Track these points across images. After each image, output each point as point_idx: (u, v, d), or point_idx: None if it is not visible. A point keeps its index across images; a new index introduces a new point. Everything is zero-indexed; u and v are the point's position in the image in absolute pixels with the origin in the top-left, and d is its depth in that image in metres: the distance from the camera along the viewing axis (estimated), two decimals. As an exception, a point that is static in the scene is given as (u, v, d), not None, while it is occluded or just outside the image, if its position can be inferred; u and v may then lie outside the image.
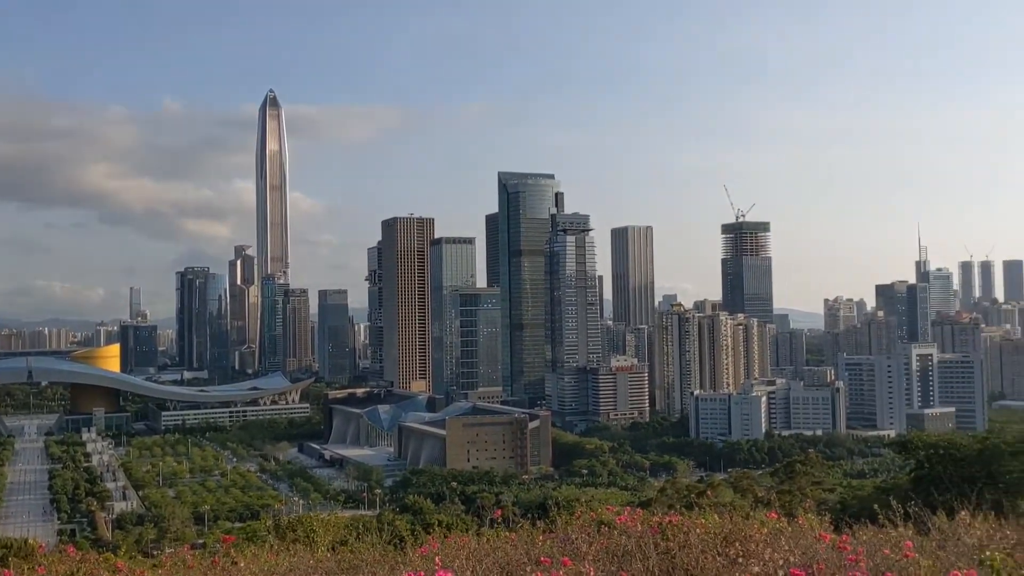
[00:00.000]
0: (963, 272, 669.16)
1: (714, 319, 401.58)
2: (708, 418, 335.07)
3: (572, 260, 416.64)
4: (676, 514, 14.00)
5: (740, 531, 10.98)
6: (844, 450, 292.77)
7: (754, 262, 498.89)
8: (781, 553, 9.45)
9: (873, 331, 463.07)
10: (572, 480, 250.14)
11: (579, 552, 11.62)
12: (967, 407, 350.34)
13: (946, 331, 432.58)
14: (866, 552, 9.20)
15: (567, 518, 15.20)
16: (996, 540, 9.89)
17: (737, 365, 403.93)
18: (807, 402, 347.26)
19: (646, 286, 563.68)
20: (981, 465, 41.50)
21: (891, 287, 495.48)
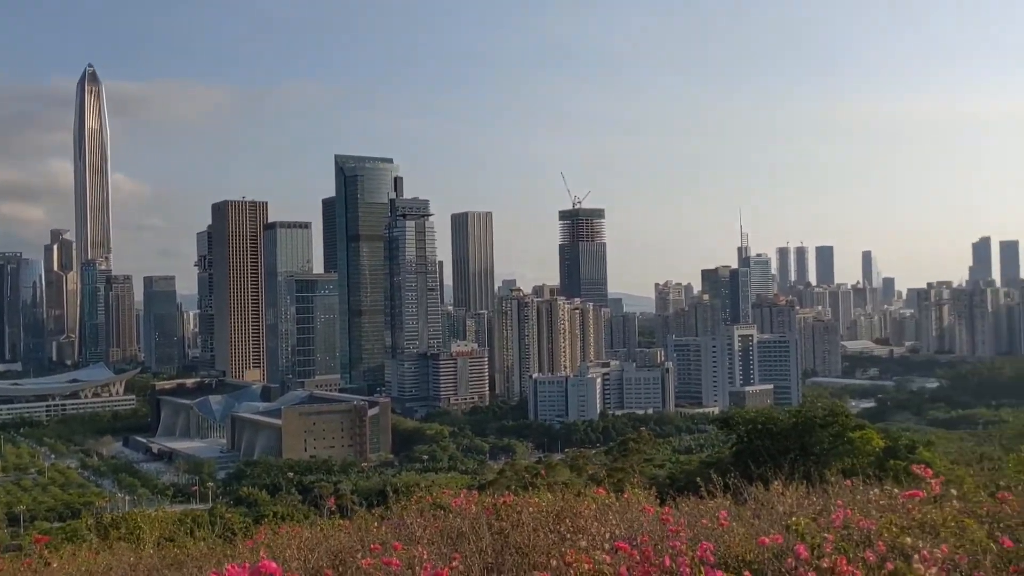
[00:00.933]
0: (780, 257, 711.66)
1: (552, 304, 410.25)
2: (546, 400, 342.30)
3: (412, 245, 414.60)
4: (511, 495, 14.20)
5: (571, 508, 11.23)
6: (673, 427, 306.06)
7: (590, 248, 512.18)
8: (608, 527, 9.74)
9: (699, 314, 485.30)
10: (413, 466, 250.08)
11: (413, 536, 11.59)
12: (784, 384, 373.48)
13: (765, 313, 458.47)
14: (687, 523, 9.60)
15: (405, 503, 15.17)
16: (804, 507, 10.54)
17: (574, 348, 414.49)
18: (639, 382, 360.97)
19: (486, 271, 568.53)
20: (795, 438, 43.98)
21: (715, 272, 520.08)
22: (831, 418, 44.90)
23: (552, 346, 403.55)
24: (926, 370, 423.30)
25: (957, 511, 8.14)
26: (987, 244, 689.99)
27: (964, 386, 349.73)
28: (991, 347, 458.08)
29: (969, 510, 8.52)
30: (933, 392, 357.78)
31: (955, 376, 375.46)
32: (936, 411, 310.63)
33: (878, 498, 9.80)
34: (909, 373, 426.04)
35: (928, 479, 8.94)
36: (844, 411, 49.36)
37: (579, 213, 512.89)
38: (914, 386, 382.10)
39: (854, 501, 10.09)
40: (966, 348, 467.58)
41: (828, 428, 43.84)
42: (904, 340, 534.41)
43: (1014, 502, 8.76)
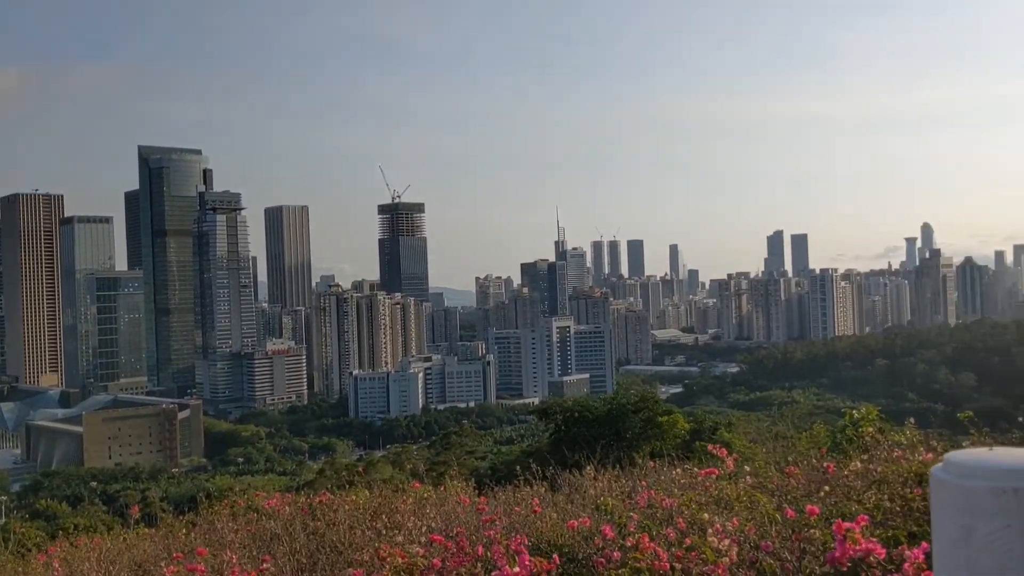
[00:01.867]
0: (595, 251, 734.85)
1: (372, 299, 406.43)
2: (367, 397, 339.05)
3: (223, 240, 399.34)
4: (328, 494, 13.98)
5: (388, 504, 11.19)
6: (495, 419, 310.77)
7: (410, 242, 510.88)
8: (425, 520, 9.76)
9: (519, 307, 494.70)
10: (227, 470, 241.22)
11: (224, 541, 11.19)
12: (599, 373, 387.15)
13: (581, 305, 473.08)
14: (502, 512, 9.77)
15: (217, 508, 14.69)
16: (613, 490, 10.96)
17: (395, 344, 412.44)
18: (461, 376, 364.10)
19: (303, 267, 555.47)
20: (609, 424, 45.62)
21: (534, 265, 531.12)
22: (642, 404, 46.86)
23: (373, 342, 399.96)
24: (728, 356, 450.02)
25: (749, 486, 8.73)
26: (780, 237, 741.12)
27: (761, 370, 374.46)
28: (784, 333, 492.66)
29: (760, 485, 9.15)
30: (734, 376, 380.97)
31: (753, 361, 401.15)
32: (737, 394, 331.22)
33: (679, 477, 10.36)
34: (713, 359, 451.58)
35: (723, 458, 9.54)
36: (654, 397, 51.69)
37: (399, 207, 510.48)
38: (717, 371, 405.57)
39: (659, 481, 10.61)
40: (763, 334, 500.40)
41: (639, 414, 45.74)
42: (708, 328, 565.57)
43: (799, 476, 9.48)
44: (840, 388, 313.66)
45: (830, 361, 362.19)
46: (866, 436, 13.05)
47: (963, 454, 2.95)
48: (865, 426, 14.72)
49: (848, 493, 8.33)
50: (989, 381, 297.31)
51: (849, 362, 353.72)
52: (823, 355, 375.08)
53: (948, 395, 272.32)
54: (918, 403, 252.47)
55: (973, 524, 2.73)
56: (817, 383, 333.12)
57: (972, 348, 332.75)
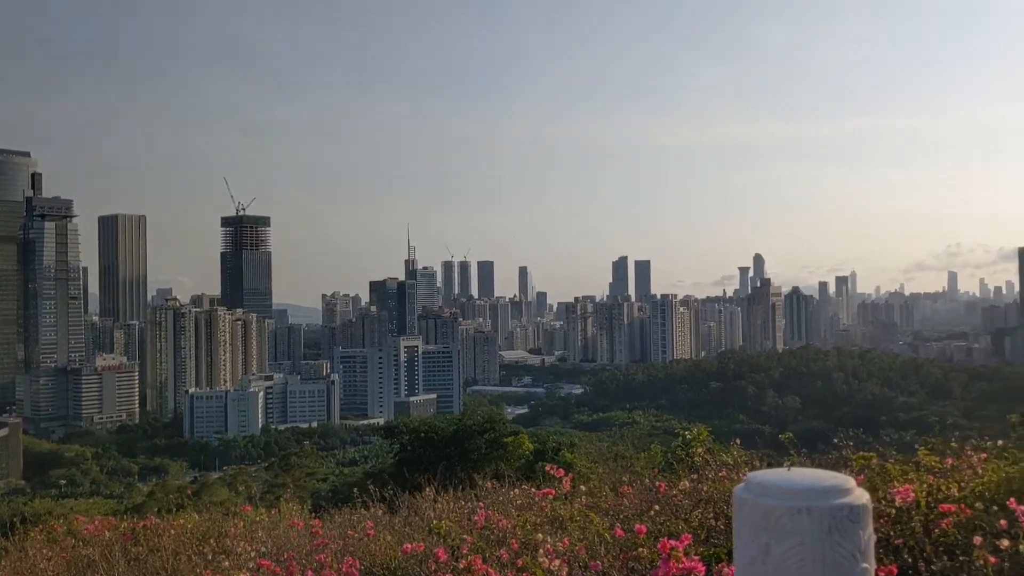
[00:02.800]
0: (445, 270, 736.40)
1: (212, 314, 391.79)
2: (204, 416, 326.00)
3: (51, 249, 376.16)
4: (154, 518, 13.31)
5: (218, 528, 10.76)
6: (338, 439, 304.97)
7: (254, 256, 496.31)
8: (255, 545, 9.44)
9: (367, 325, 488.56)
10: (47, 493, 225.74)
11: (36, 569, 10.47)
12: (447, 393, 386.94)
13: (430, 324, 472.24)
14: (337, 535, 9.57)
15: (32, 534, 13.74)
16: (453, 511, 10.93)
17: (235, 361, 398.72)
18: (304, 395, 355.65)
19: (138, 279, 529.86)
20: (455, 445, 45.66)
21: (383, 283, 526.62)
22: (488, 425, 47.16)
23: (211, 359, 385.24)
24: (573, 377, 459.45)
25: (584, 506, 8.91)
26: (624, 262, 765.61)
27: (604, 391, 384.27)
28: (627, 355, 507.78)
29: (595, 505, 9.36)
30: (578, 397, 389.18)
31: (597, 382, 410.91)
32: (580, 415, 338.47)
33: (517, 498, 10.45)
34: (558, 380, 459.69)
35: (559, 478, 9.70)
36: (500, 418, 52.08)
37: (243, 220, 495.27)
38: (562, 392, 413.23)
39: (497, 502, 10.66)
40: (606, 356, 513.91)
41: (485, 435, 46.00)
42: (554, 350, 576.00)
43: (632, 495, 9.76)
44: (677, 409, 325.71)
45: (668, 383, 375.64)
46: (696, 456, 13.57)
47: (763, 474, 3.04)
48: (696, 446, 15.32)
49: (677, 512, 8.63)
50: (812, 404, 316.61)
51: (686, 384, 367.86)
52: (662, 377, 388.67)
53: (775, 417, 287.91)
54: (747, 424, 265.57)
55: (770, 542, 2.83)
56: (656, 404, 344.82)
57: (797, 372, 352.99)
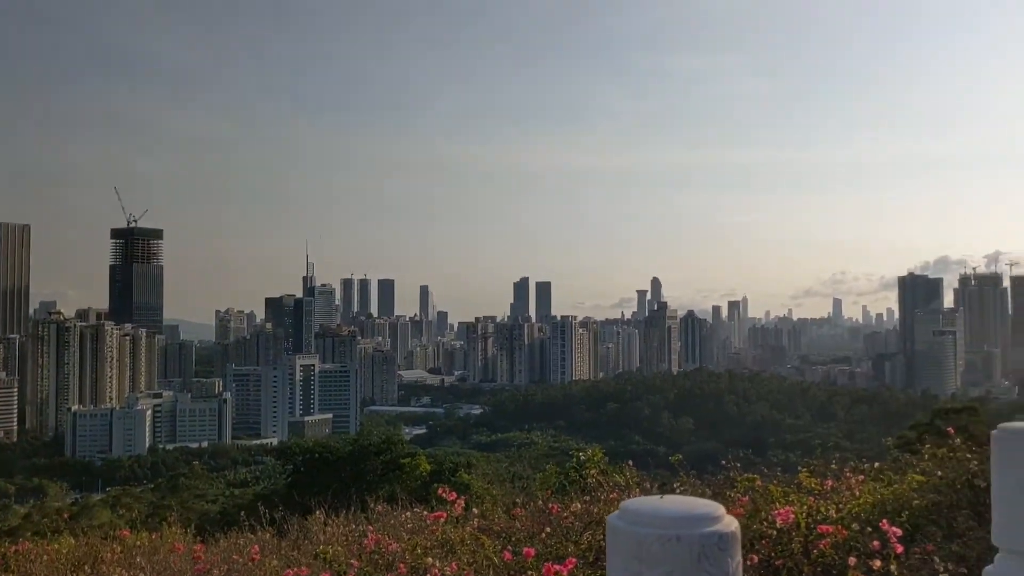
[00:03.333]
0: (344, 288, 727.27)
1: (98, 329, 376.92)
2: (87, 435, 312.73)
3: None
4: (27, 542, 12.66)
5: (94, 553, 10.30)
6: (229, 460, 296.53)
7: (145, 270, 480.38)
8: (132, 571, 9.07)
9: (261, 342, 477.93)
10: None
11: None
12: (343, 413, 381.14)
13: (328, 343, 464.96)
14: (221, 559, 9.29)
15: None
16: (345, 535, 10.74)
17: (122, 378, 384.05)
18: (194, 414, 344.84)
19: (20, 291, 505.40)
20: (351, 466, 45.07)
21: (280, 300, 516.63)
22: (384, 446, 46.76)
23: (97, 375, 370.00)
24: (472, 397, 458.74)
25: (476, 529, 8.88)
26: (526, 283, 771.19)
27: (504, 412, 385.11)
28: (527, 375, 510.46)
29: (487, 527, 9.34)
30: (477, 418, 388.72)
31: (496, 403, 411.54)
32: (480, 435, 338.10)
33: (408, 520, 10.34)
34: (458, 400, 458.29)
35: (452, 501, 9.65)
36: (397, 439, 51.73)
37: (134, 232, 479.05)
38: (461, 412, 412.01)
39: (388, 525, 10.53)
40: (506, 377, 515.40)
41: (382, 456, 45.59)
42: (455, 369, 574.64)
43: (525, 518, 9.78)
44: (575, 430, 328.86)
45: (567, 404, 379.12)
46: (590, 478, 13.72)
47: (637, 502, 3.04)
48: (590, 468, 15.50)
49: (567, 534, 8.69)
50: (704, 425, 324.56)
51: (584, 405, 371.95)
52: (561, 398, 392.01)
53: (669, 438, 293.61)
54: (643, 445, 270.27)
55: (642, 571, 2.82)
56: (554, 425, 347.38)
57: (691, 394, 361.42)
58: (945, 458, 12.18)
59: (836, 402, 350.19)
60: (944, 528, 9.66)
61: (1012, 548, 5.28)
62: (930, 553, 8.26)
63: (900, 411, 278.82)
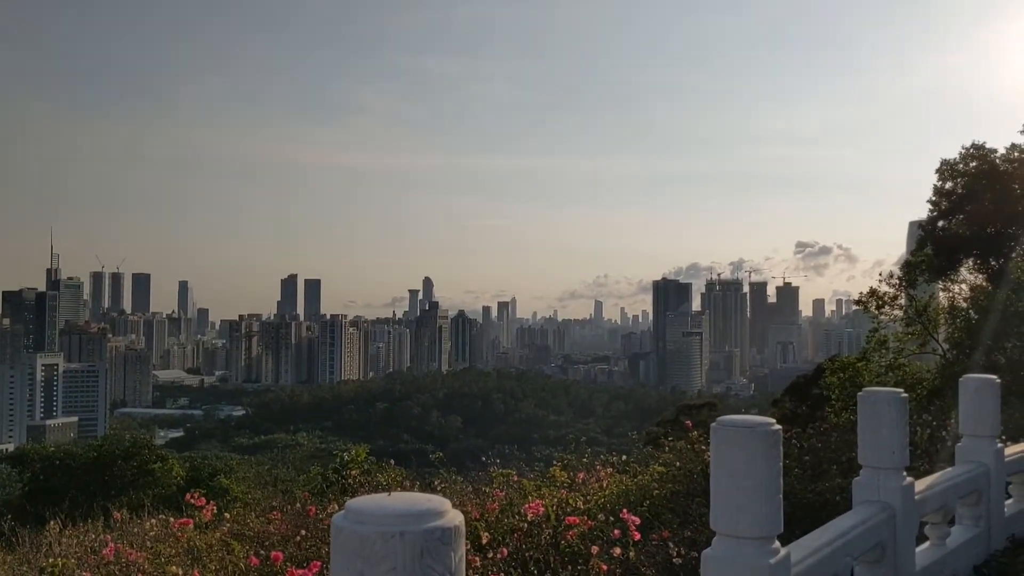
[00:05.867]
0: (94, 282, 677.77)
1: None
2: None
3: None
4: None
5: None
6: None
7: None
8: None
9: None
10: None
11: None
12: (91, 416, 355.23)
13: (75, 340, 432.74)
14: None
15: None
16: (80, 545, 10.03)
17: None
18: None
19: None
20: (97, 472, 42.39)
21: (19, 294, 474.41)
22: (134, 450, 44.18)
23: None
24: (235, 398, 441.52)
25: (227, 534, 8.57)
26: (294, 280, 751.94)
27: (268, 413, 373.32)
28: (294, 376, 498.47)
29: (240, 532, 9.04)
30: (240, 419, 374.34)
31: (260, 404, 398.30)
32: (241, 438, 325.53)
33: (152, 528, 9.82)
34: (219, 401, 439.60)
35: (200, 507, 9.26)
36: (148, 443, 48.93)
37: None
38: (222, 414, 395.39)
39: (131, 534, 9.94)
40: (272, 377, 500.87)
41: (131, 460, 43.09)
42: (216, 369, 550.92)
43: (281, 521, 9.55)
44: (343, 431, 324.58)
45: (336, 404, 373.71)
46: (351, 478, 13.64)
47: (362, 501, 3.04)
48: (352, 468, 15.41)
49: (324, 536, 8.58)
50: (473, 423, 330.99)
51: (353, 405, 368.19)
52: (329, 398, 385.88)
53: (438, 436, 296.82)
54: (412, 444, 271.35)
55: (364, 569, 2.82)
56: (322, 426, 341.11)
57: (461, 393, 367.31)
58: (684, 450, 13.17)
59: (596, 399, 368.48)
60: (680, 515, 10.44)
61: (726, 532, 5.90)
62: (666, 539, 8.89)
63: (653, 407, 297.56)
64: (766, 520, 5.80)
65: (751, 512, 5.75)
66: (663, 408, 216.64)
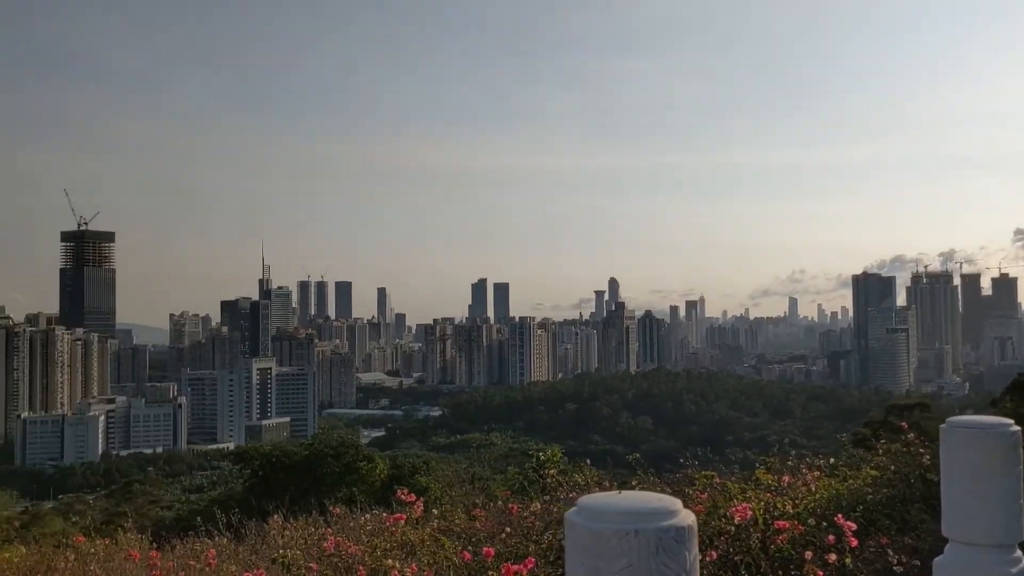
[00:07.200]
0: (301, 291, 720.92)
1: (49, 334, 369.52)
2: (37, 442, 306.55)
3: None
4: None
5: (47, 562, 10.10)
6: (185, 465, 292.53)
7: (97, 273, 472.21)
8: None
9: (217, 346, 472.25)
10: None
11: None
12: (301, 416, 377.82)
13: (285, 346, 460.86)
14: (176, 566, 9.16)
15: None
16: (302, 538, 10.65)
17: (74, 383, 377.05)
18: (148, 419, 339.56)
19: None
20: (308, 470, 44.72)
21: (236, 303, 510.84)
22: (342, 449, 46.41)
23: (48, 381, 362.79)
24: (431, 399, 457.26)
25: (436, 530, 8.85)
26: (484, 285, 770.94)
27: (463, 413, 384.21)
28: (486, 377, 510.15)
29: (447, 528, 9.32)
30: (436, 420, 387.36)
31: (455, 404, 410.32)
32: (439, 437, 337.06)
33: (367, 523, 10.28)
34: (416, 402, 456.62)
35: (411, 503, 9.61)
36: (355, 443, 51.35)
37: (85, 235, 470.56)
38: (420, 415, 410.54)
39: (347, 528, 10.46)
40: (465, 379, 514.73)
41: (339, 459, 45.25)
42: (413, 372, 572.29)
43: (485, 518, 9.77)
44: (534, 431, 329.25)
45: (526, 405, 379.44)
46: (549, 477, 13.75)
47: (594, 498, 3.07)
48: (549, 468, 15.54)
49: (528, 533, 8.70)
50: (663, 424, 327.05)
51: (543, 406, 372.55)
52: (520, 399, 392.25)
53: (628, 437, 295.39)
54: (602, 445, 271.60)
55: (600, 565, 2.84)
56: (513, 426, 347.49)
57: (649, 394, 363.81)
58: (898, 453, 12.40)
59: (792, 400, 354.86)
60: (898, 521, 9.84)
61: (960, 539, 5.47)
62: (884, 546, 8.41)
63: (855, 408, 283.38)
64: (1005, 527, 5.36)
65: (988, 519, 5.33)
66: (866, 409, 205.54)
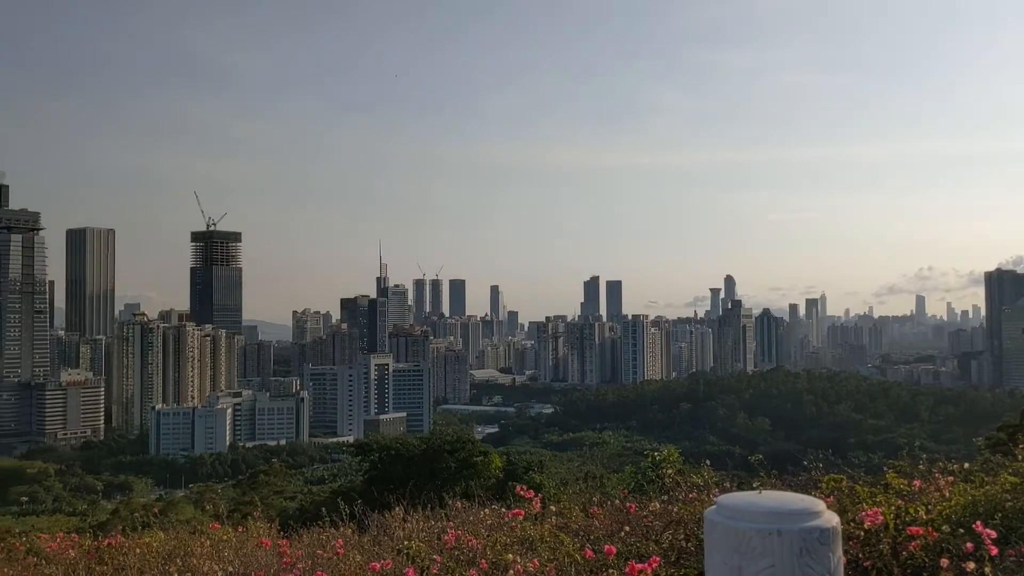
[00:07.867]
0: (416, 289, 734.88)
1: (180, 330, 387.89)
2: (170, 433, 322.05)
3: (18, 262, 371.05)
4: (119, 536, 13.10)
5: (184, 547, 10.61)
6: (306, 457, 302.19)
7: (225, 272, 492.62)
8: (222, 564, 9.32)
9: (337, 342, 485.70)
10: (8, 510, 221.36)
11: (-5, 590, 10.25)
12: (416, 411, 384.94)
13: (401, 342, 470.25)
14: (304, 554, 9.48)
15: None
16: (423, 531, 10.86)
17: (203, 377, 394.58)
18: (273, 412, 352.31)
19: (106, 294, 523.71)
20: (425, 463, 45.53)
21: (354, 301, 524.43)
22: (457, 444, 47.08)
23: (179, 375, 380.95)
24: (543, 397, 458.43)
25: (554, 527, 8.89)
26: (596, 282, 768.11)
27: (575, 411, 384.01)
28: (598, 375, 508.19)
29: (565, 525, 9.34)
30: (549, 417, 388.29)
31: (567, 402, 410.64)
32: (551, 434, 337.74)
33: (486, 517, 10.40)
34: (529, 400, 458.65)
35: (530, 499, 9.67)
36: (470, 437, 52.03)
37: (214, 235, 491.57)
38: (533, 412, 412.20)
39: (467, 522, 10.61)
40: (577, 376, 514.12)
41: (455, 454, 45.91)
42: (525, 369, 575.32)
43: (602, 517, 9.75)
44: (647, 430, 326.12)
45: (639, 404, 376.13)
46: (667, 477, 13.62)
47: (734, 497, 3.07)
48: (666, 467, 15.38)
49: (647, 533, 8.63)
50: (782, 425, 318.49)
51: (656, 405, 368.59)
52: (633, 398, 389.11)
53: (745, 438, 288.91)
54: (717, 445, 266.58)
55: (742, 564, 2.86)
56: (626, 425, 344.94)
57: (768, 394, 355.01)
58: (1041, 459, 11.74)
59: (920, 402, 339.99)
60: (1040, 531, 9.31)
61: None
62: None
63: (987, 411, 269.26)
64: None
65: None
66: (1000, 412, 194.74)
